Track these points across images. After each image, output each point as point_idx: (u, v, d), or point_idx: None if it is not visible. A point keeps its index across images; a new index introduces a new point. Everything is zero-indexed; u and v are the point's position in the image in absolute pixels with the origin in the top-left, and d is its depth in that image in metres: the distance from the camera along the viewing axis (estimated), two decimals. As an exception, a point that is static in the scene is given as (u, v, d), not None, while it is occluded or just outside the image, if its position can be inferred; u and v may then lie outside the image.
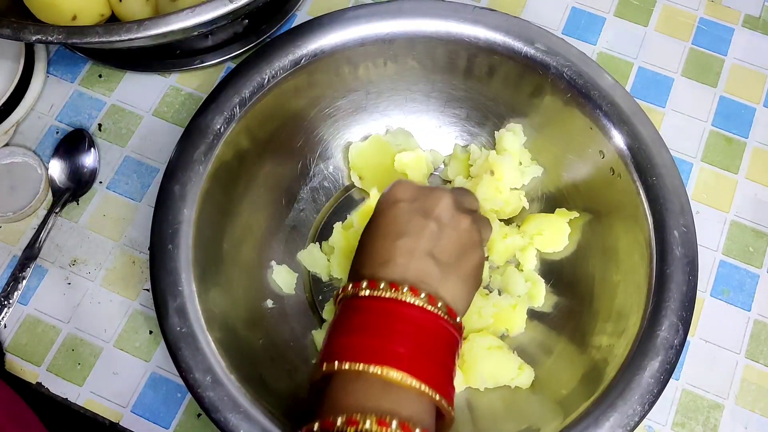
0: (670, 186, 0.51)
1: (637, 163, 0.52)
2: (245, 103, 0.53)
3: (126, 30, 0.51)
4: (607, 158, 0.54)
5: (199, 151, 0.51)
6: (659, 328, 0.47)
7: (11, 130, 0.63)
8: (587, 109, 0.53)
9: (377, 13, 0.55)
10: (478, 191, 0.56)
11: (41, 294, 0.58)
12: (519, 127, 0.58)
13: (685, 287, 0.48)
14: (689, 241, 0.50)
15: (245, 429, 0.45)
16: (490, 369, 0.52)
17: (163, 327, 0.48)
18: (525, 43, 0.54)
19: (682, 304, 0.48)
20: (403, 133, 0.60)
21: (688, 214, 0.50)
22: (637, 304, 0.50)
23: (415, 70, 0.57)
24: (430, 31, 0.55)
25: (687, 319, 0.48)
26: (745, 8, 0.68)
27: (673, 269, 0.49)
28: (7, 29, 0.51)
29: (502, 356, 0.53)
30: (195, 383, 0.46)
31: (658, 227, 0.50)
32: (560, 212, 0.57)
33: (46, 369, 0.56)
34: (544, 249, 0.57)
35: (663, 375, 0.47)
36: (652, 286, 0.49)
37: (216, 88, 0.53)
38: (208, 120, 0.52)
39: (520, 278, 0.56)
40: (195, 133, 0.52)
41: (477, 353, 0.53)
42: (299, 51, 0.54)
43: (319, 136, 0.59)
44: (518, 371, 0.53)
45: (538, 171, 0.59)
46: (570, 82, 0.54)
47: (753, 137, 0.63)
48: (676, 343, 0.47)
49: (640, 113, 0.53)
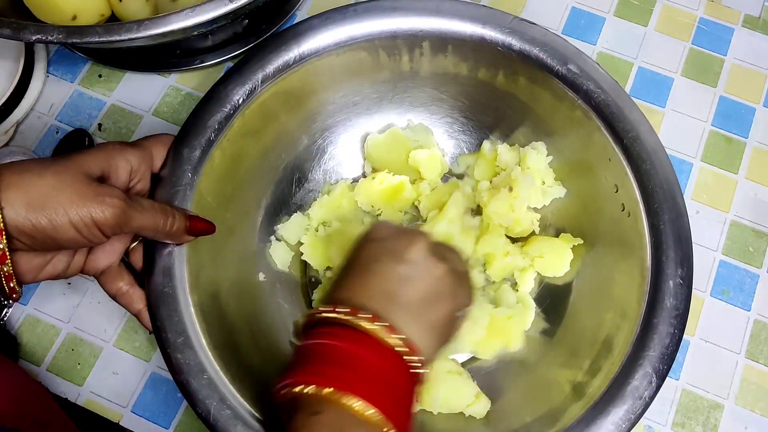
0: (678, 235, 0.49)
1: (648, 205, 0.50)
2: (268, 79, 0.52)
3: (126, 30, 0.50)
4: (620, 194, 0.52)
5: (213, 119, 0.51)
6: (632, 377, 0.47)
7: (11, 130, 0.63)
8: (609, 140, 0.52)
9: (414, 9, 0.54)
10: (492, 205, 0.55)
11: (41, 294, 0.58)
12: (542, 146, 0.57)
13: (668, 340, 0.47)
14: (683, 294, 0.48)
15: (203, 395, 0.45)
16: (445, 393, 0.51)
17: (147, 284, 0.48)
18: (558, 62, 0.53)
19: (662, 356, 0.47)
20: (423, 129, 0.60)
21: (688, 268, 0.49)
22: (618, 347, 0.49)
23: (447, 70, 0.57)
24: (465, 34, 0.54)
25: (663, 372, 0.47)
26: (745, 8, 0.68)
27: (660, 320, 0.48)
28: (7, 29, 0.51)
29: (460, 382, 0.52)
30: (166, 343, 0.46)
31: (655, 274, 0.49)
32: (564, 237, 0.56)
33: (46, 369, 0.56)
34: (544, 272, 0.56)
35: (625, 424, 0.46)
36: (636, 332, 0.48)
37: (242, 60, 0.53)
38: (229, 89, 0.52)
39: (512, 297, 0.56)
40: (214, 100, 0.52)
41: (435, 376, 0.52)
42: (325, 36, 0.54)
43: (339, 120, 0.59)
44: (474, 399, 0.52)
45: (561, 192, 0.57)
46: (597, 110, 0.52)
47: (753, 137, 0.63)
48: (646, 395, 0.46)
49: (661, 152, 0.51)
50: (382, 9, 0.54)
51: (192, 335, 0.47)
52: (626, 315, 0.50)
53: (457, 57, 0.56)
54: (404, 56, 0.56)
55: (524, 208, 0.56)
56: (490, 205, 0.55)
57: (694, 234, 0.50)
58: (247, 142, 0.54)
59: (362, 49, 0.55)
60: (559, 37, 0.54)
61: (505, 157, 0.57)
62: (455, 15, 0.54)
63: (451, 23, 0.54)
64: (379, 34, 0.54)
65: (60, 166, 0.41)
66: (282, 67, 0.53)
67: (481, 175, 0.59)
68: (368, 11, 0.54)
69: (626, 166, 0.52)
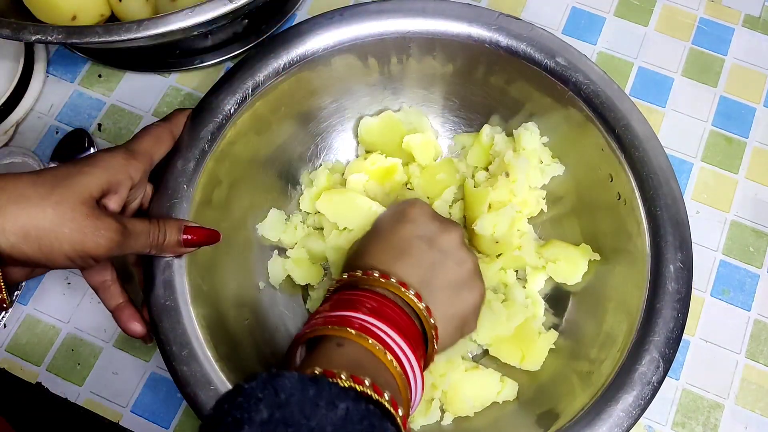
0: (674, 219, 0.50)
1: (643, 191, 0.51)
2: (258, 87, 0.52)
3: (126, 30, 0.50)
4: (615, 183, 0.53)
5: (206, 130, 0.51)
6: (639, 363, 0.47)
7: (11, 131, 0.63)
8: (601, 131, 0.52)
9: (401, 10, 0.54)
10: (493, 193, 0.55)
11: (41, 294, 0.58)
12: (534, 126, 0.57)
13: (672, 324, 0.48)
14: (684, 278, 0.49)
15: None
16: (474, 390, 0.51)
17: (148, 299, 0.48)
18: (546, 56, 0.53)
19: (667, 340, 0.47)
20: (416, 113, 0.60)
21: (688, 251, 0.49)
22: (623, 334, 0.49)
23: (435, 70, 0.57)
24: (451, 33, 0.54)
25: (669, 356, 0.47)
26: (745, 8, 0.68)
27: (663, 304, 0.48)
28: (7, 29, 0.51)
29: (481, 374, 0.52)
30: (171, 356, 0.46)
31: (655, 260, 0.49)
32: (583, 248, 0.56)
33: (45, 369, 0.56)
34: (555, 276, 0.56)
35: (635, 410, 0.46)
36: (640, 318, 0.48)
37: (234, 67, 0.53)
38: (220, 99, 0.52)
39: (521, 294, 0.55)
40: (206, 111, 0.52)
41: (455, 379, 0.52)
42: (306, 45, 0.54)
43: (332, 124, 0.59)
44: (501, 385, 0.52)
45: (560, 169, 0.57)
46: (587, 101, 0.52)
47: (753, 137, 0.63)
48: (654, 380, 0.46)
49: (653, 140, 0.52)
50: (368, 12, 0.54)
51: (196, 347, 0.47)
52: (629, 301, 0.50)
53: (445, 56, 0.56)
54: (393, 58, 0.56)
55: (525, 189, 0.56)
56: (491, 194, 0.55)
57: (694, 234, 0.50)
58: (240, 151, 0.54)
59: (351, 54, 0.55)
60: (545, 32, 0.54)
61: (500, 147, 0.57)
62: (441, 15, 0.54)
63: (438, 23, 0.54)
64: (366, 38, 0.54)
65: (60, 195, 0.40)
66: (272, 74, 0.53)
67: (475, 160, 0.59)
68: (355, 15, 0.54)
69: (620, 155, 0.52)
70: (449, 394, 0.52)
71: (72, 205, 0.40)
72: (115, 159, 0.44)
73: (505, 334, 0.54)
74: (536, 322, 0.55)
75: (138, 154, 0.46)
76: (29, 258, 0.40)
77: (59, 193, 0.40)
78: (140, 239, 0.44)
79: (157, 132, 0.49)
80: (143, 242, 0.44)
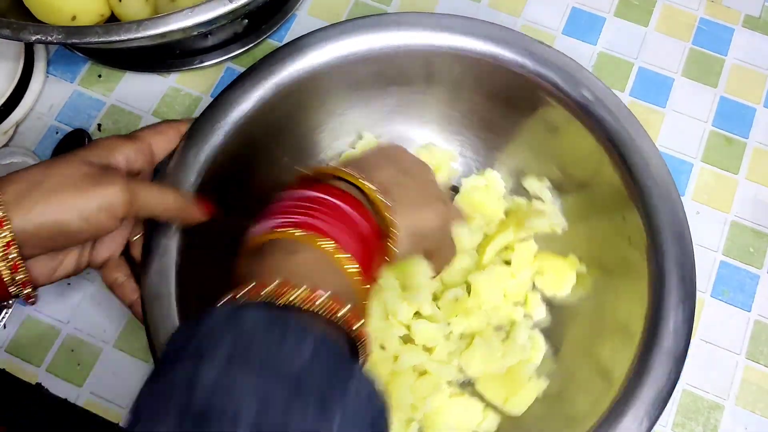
0: (681, 274, 0.48)
1: (653, 239, 0.49)
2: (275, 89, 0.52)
3: (125, 30, 0.51)
4: (628, 224, 0.51)
5: (219, 124, 0.51)
6: (622, 418, 0.45)
7: (11, 131, 0.63)
8: (615, 167, 0.51)
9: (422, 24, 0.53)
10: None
11: (41, 294, 0.58)
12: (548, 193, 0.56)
13: (662, 383, 0.46)
14: (683, 336, 0.47)
15: None
16: (455, 418, 0.51)
17: (141, 284, 0.48)
18: (571, 87, 0.52)
19: (655, 401, 0.45)
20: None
21: (689, 309, 0.48)
22: (617, 373, 0.47)
23: (454, 88, 0.56)
24: (477, 52, 0.53)
25: (654, 416, 0.45)
26: (745, 8, 0.68)
27: (656, 363, 0.46)
28: (7, 29, 0.51)
29: (465, 403, 0.51)
30: (159, 346, 0.46)
31: (654, 313, 0.48)
32: (571, 260, 0.55)
33: (45, 370, 0.56)
34: (544, 289, 0.56)
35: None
36: (632, 371, 0.46)
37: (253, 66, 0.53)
38: (237, 95, 0.51)
39: (524, 334, 0.54)
40: (219, 108, 0.51)
41: (439, 404, 0.51)
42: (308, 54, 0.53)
43: (346, 131, 0.59)
44: (482, 416, 0.51)
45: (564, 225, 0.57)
46: (608, 138, 0.51)
47: (753, 137, 0.63)
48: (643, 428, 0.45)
49: (668, 181, 0.50)
50: (385, 24, 0.54)
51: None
52: (622, 350, 0.48)
53: (465, 75, 0.55)
54: (411, 73, 0.55)
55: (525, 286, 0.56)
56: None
57: (694, 235, 0.50)
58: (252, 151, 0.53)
59: (366, 64, 0.54)
60: (572, 61, 0.53)
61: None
62: (466, 32, 0.53)
63: (464, 40, 0.53)
64: (380, 50, 0.53)
65: (59, 164, 0.43)
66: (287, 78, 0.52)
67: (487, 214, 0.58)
68: (369, 26, 0.53)
69: (635, 197, 0.50)
70: (430, 418, 0.51)
71: (74, 168, 0.43)
72: (108, 140, 0.47)
73: (496, 372, 0.53)
74: (530, 367, 0.53)
75: (133, 138, 0.48)
76: (45, 229, 0.41)
77: (60, 164, 0.43)
78: (152, 190, 0.45)
79: (159, 126, 0.50)
80: (157, 194, 0.45)
